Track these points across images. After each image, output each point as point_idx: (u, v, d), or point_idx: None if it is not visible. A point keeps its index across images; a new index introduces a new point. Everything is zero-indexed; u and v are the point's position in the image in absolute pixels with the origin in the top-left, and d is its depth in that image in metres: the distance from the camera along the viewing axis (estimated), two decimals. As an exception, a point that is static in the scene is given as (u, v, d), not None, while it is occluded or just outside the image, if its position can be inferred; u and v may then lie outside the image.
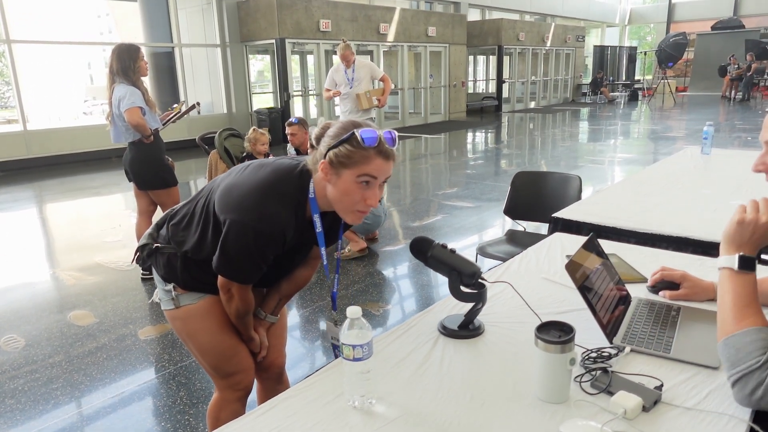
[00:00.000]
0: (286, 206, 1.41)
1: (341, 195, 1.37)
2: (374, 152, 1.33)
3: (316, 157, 1.41)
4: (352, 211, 1.40)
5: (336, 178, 1.36)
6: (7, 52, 9.45)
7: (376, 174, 1.35)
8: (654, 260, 1.82)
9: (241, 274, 1.48)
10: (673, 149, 9.17)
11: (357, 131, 1.33)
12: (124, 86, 3.70)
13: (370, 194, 1.37)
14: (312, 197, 1.44)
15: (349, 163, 1.33)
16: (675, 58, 20.19)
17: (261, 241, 1.41)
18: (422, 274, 4.07)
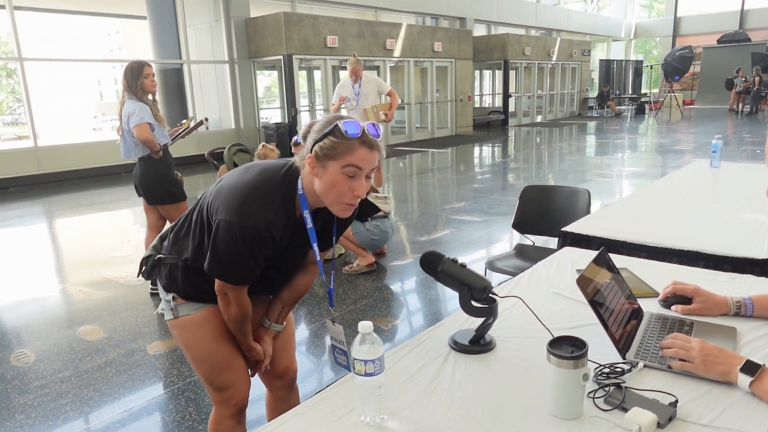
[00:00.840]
0: (273, 204, 1.43)
1: (328, 187, 1.39)
2: (358, 142, 1.36)
3: (303, 153, 1.44)
4: (339, 203, 1.41)
5: (322, 171, 1.38)
6: (20, 69, 9.59)
7: (361, 164, 1.37)
8: (665, 274, 1.81)
9: (231, 275, 1.48)
10: (682, 162, 9.15)
11: (340, 122, 1.36)
12: (133, 102, 3.75)
13: (356, 185, 1.39)
14: (301, 193, 1.46)
15: (333, 154, 1.36)
16: (681, 72, 20.20)
17: (248, 240, 1.41)
18: (431, 288, 4.05)
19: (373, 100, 6.08)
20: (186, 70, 11.64)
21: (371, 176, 1.44)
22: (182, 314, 1.61)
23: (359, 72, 5.96)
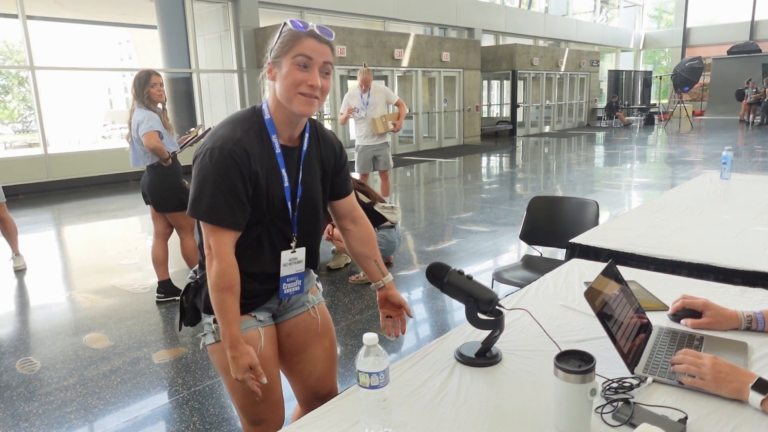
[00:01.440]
0: (242, 127, 1.44)
1: (284, 83, 1.41)
2: (305, 34, 1.40)
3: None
4: (296, 94, 1.40)
5: (279, 71, 1.42)
6: (31, 78, 9.70)
7: (310, 53, 1.39)
8: (674, 287, 1.79)
9: (207, 209, 1.40)
10: (692, 174, 9.09)
11: (287, 21, 1.42)
12: (142, 111, 3.78)
13: (309, 76, 1.40)
14: (267, 118, 1.48)
15: (284, 50, 1.40)
16: (691, 83, 20.15)
17: (220, 163, 1.39)
18: (437, 299, 4.03)
19: (382, 109, 6.11)
20: (195, 78, 11.73)
21: (329, 73, 1.45)
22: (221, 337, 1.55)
23: (369, 82, 6.00)
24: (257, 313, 1.60)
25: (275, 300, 1.64)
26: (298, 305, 1.71)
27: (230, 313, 1.45)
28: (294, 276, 1.62)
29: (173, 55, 11.88)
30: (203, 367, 3.12)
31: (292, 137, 1.53)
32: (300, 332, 1.71)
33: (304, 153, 1.56)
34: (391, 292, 1.72)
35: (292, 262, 1.60)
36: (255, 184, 1.44)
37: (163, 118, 3.87)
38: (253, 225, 1.49)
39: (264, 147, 1.47)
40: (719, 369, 1.18)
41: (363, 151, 6.23)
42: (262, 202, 1.47)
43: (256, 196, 1.46)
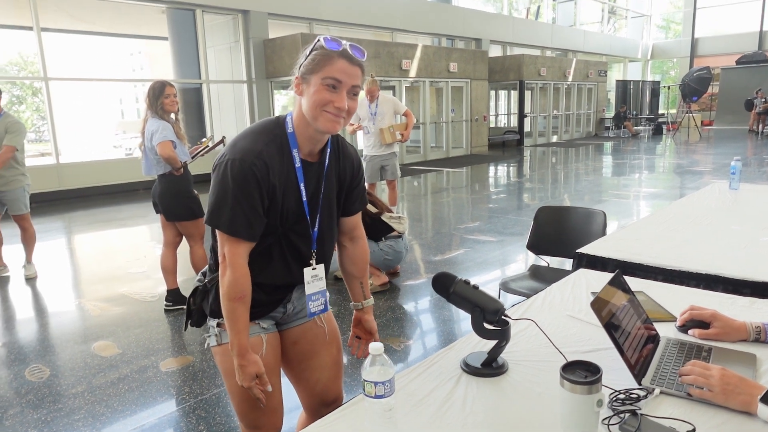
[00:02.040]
0: (263, 139, 1.45)
1: (311, 101, 1.41)
2: (337, 54, 1.39)
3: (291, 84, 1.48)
4: (323, 113, 1.41)
5: (306, 87, 1.42)
6: (45, 88, 9.82)
7: (340, 76, 1.39)
8: (682, 298, 1.78)
9: (224, 219, 1.42)
10: (700, 184, 9.04)
11: (321, 38, 1.41)
12: (156, 120, 3.82)
13: (337, 98, 1.40)
14: (290, 132, 1.48)
15: (315, 67, 1.40)
16: (699, 93, 20.08)
17: (239, 174, 1.40)
18: (444, 309, 4.03)
19: (390, 119, 6.13)
20: (205, 89, 11.83)
21: (357, 96, 1.46)
22: (225, 341, 1.57)
23: (375, 93, 6.03)
24: (261, 321, 1.62)
25: (280, 310, 1.65)
26: (304, 314, 1.71)
27: (240, 322, 1.46)
28: (318, 294, 1.63)
29: (184, 66, 12.01)
30: (210, 375, 3.13)
31: (312, 152, 1.53)
32: (307, 340, 1.72)
33: (327, 169, 1.56)
34: (367, 316, 1.76)
35: (314, 279, 1.60)
36: (272, 197, 1.45)
37: (176, 128, 3.91)
38: (264, 236, 1.50)
39: (284, 160, 1.47)
40: (728, 381, 1.17)
41: (371, 161, 6.26)
42: (277, 215, 1.48)
43: (271, 208, 1.47)
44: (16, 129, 4.85)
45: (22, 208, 5.04)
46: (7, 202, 4.96)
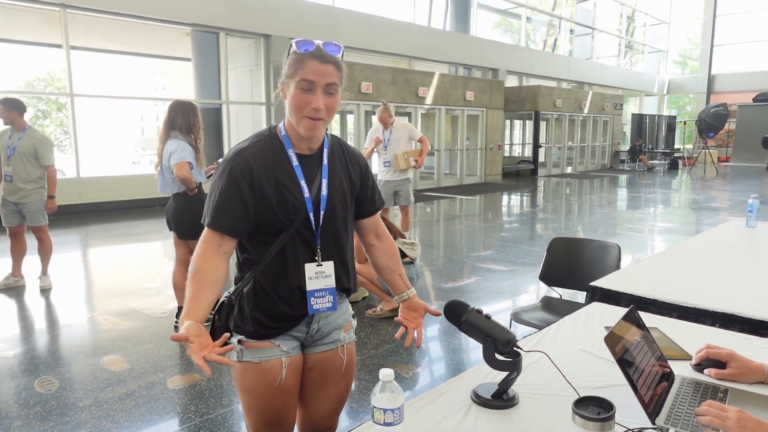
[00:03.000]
0: (252, 140, 1.54)
1: (290, 105, 1.48)
2: (309, 56, 1.44)
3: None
4: (302, 117, 1.46)
5: (288, 92, 1.48)
6: (70, 104, 10.04)
7: (313, 77, 1.42)
8: (698, 337, 1.76)
9: (212, 211, 1.49)
10: (717, 220, 8.95)
11: (293, 41, 1.46)
12: (177, 141, 3.89)
13: (312, 99, 1.44)
14: (284, 135, 1.55)
15: (292, 72, 1.45)
16: (716, 129, 20.02)
17: (227, 173, 1.48)
18: (454, 337, 3.99)
19: (404, 145, 6.19)
20: (224, 110, 12.02)
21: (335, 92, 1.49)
22: (245, 359, 1.58)
23: (387, 120, 6.10)
24: (282, 342, 1.60)
25: (302, 329, 1.62)
26: (330, 340, 1.68)
27: (194, 303, 1.43)
28: (323, 290, 1.59)
29: (205, 87, 12.23)
30: (217, 395, 3.12)
31: (311, 148, 1.59)
32: (323, 369, 1.70)
33: (326, 165, 1.59)
34: (414, 300, 1.74)
35: (318, 276, 1.58)
36: (261, 190, 1.49)
37: (197, 150, 3.98)
38: (273, 234, 1.53)
39: (276, 157, 1.53)
40: (745, 423, 1.15)
41: (384, 186, 6.30)
42: (273, 209, 1.50)
43: (263, 200, 1.49)
44: (47, 146, 5.05)
45: (40, 220, 5.13)
46: (26, 213, 5.05)
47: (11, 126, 4.94)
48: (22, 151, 4.90)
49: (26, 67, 28.16)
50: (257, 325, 1.57)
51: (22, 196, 4.97)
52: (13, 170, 4.91)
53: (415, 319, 1.72)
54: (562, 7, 21.99)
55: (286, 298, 1.56)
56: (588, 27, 23.58)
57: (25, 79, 28.21)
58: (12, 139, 4.92)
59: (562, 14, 21.98)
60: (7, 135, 4.95)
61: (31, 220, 5.09)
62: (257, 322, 1.57)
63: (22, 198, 4.97)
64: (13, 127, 4.94)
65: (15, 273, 5.24)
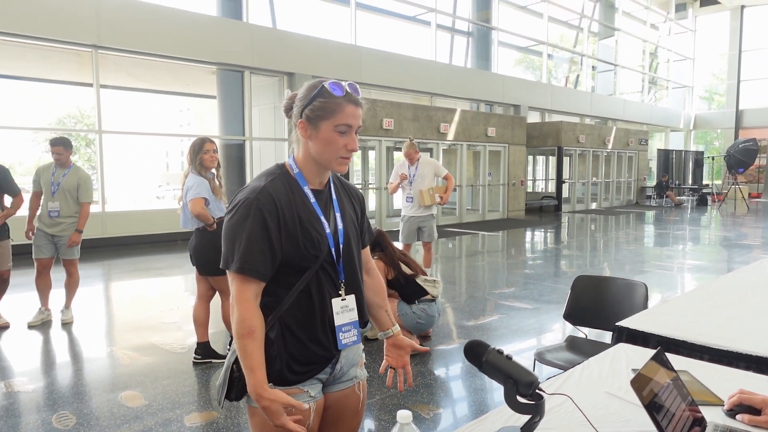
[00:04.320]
0: (269, 178, 1.51)
1: (323, 146, 1.49)
2: (344, 100, 1.48)
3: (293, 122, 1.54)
4: (336, 159, 1.50)
5: (315, 132, 1.49)
6: (98, 140, 10.33)
7: (351, 121, 1.48)
8: (731, 381, 1.67)
9: (238, 256, 1.44)
10: (749, 258, 8.71)
11: (325, 83, 1.48)
12: (194, 177, 3.96)
13: (349, 140, 1.49)
14: (297, 172, 1.55)
15: (324, 114, 1.47)
16: (746, 164, 19.70)
17: (248, 214, 1.44)
18: (476, 377, 3.89)
19: (429, 182, 6.21)
20: (248, 145, 12.25)
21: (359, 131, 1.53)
22: None
23: (413, 156, 6.15)
24: (309, 387, 1.56)
25: (327, 370, 1.60)
26: (348, 378, 1.66)
27: (253, 359, 1.44)
28: (348, 325, 1.60)
29: (229, 123, 12.51)
30: (233, 433, 3.06)
31: (321, 183, 1.60)
32: (340, 407, 1.66)
33: (335, 199, 1.62)
34: (398, 337, 1.74)
35: (344, 310, 1.59)
36: (285, 227, 1.47)
37: (213, 184, 4.02)
38: (296, 273, 1.51)
39: (294, 195, 1.52)
40: None
41: (408, 222, 6.28)
42: (299, 246, 1.49)
43: (289, 239, 1.48)
44: (90, 184, 5.25)
45: (74, 253, 5.26)
46: (61, 246, 5.16)
47: (56, 162, 5.10)
48: (66, 187, 5.07)
49: (58, 104, 29.22)
50: (287, 371, 1.52)
51: (62, 229, 5.11)
52: (59, 206, 5.06)
53: (401, 357, 1.74)
54: (584, 44, 22.15)
55: (317, 337, 1.54)
56: (610, 63, 23.66)
57: (56, 116, 29.24)
58: (56, 176, 5.08)
59: (584, 51, 22.12)
60: (50, 171, 5.11)
61: (66, 253, 5.20)
62: (287, 368, 1.52)
63: (61, 231, 5.11)
64: (58, 164, 5.10)
65: (46, 306, 5.28)
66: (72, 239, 5.15)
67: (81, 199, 5.14)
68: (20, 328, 5.02)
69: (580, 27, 22.05)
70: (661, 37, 26.65)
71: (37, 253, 5.13)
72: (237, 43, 11.56)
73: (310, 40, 12.73)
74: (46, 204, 5.07)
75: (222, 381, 1.57)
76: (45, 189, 5.08)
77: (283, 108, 1.59)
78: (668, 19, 26.41)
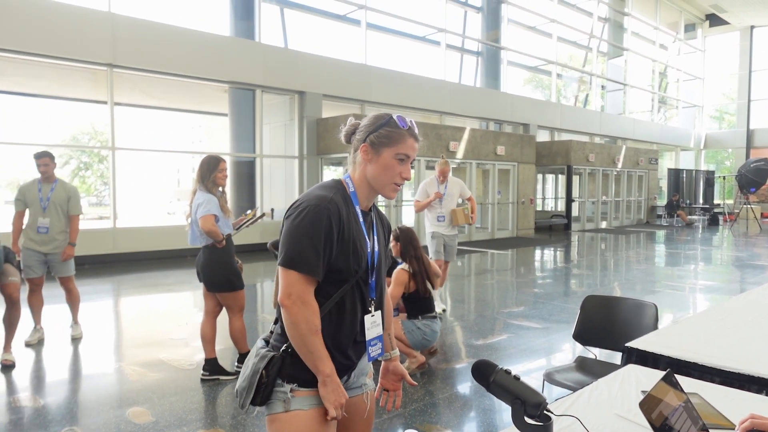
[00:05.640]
0: (334, 190, 1.61)
1: (381, 170, 1.62)
2: (407, 133, 1.63)
3: (354, 145, 1.66)
4: (389, 184, 1.63)
5: (376, 157, 1.62)
6: (111, 157, 10.46)
7: (410, 152, 1.63)
8: (742, 404, 1.65)
9: (296, 257, 1.51)
10: (762, 279, 8.60)
11: (393, 116, 1.64)
12: (203, 194, 3.98)
13: (405, 169, 1.64)
14: (352, 191, 1.66)
15: (388, 142, 1.61)
16: (758, 184, 19.53)
17: (316, 218, 1.52)
18: (485, 397, 3.85)
19: (455, 202, 6.18)
20: (258, 162, 12.34)
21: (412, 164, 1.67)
22: (294, 408, 1.55)
23: (447, 173, 6.13)
24: None
25: (345, 378, 1.67)
26: (357, 385, 1.75)
27: (322, 351, 1.54)
28: (375, 339, 1.71)
29: (240, 141, 12.63)
30: (239, 452, 3.04)
31: (368, 206, 1.70)
32: (349, 413, 1.69)
33: (375, 223, 1.72)
34: (395, 363, 1.83)
35: (373, 326, 1.69)
36: (342, 239, 1.56)
37: (221, 202, 4.05)
38: (335, 284, 1.59)
39: (349, 211, 1.62)
40: None
41: (436, 237, 6.22)
42: (348, 258, 1.58)
43: (342, 250, 1.57)
44: (78, 196, 5.16)
45: (70, 271, 5.17)
46: (56, 264, 5.06)
47: (41, 178, 4.97)
48: (57, 201, 4.96)
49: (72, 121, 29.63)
50: (310, 374, 1.57)
51: (55, 246, 4.99)
52: (50, 222, 4.95)
53: (395, 383, 1.85)
54: (593, 64, 22.22)
55: (343, 347, 1.62)
56: (619, 83, 23.69)
57: (70, 132, 29.64)
58: (44, 191, 4.94)
59: (593, 71, 22.18)
60: (35, 188, 4.95)
61: (62, 270, 5.10)
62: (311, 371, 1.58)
63: (54, 249, 4.99)
64: (44, 179, 4.97)
65: (39, 324, 5.15)
66: (66, 252, 5.03)
67: (71, 212, 5.03)
68: (20, 345, 5.00)
69: (589, 47, 22.13)
70: (671, 57, 26.68)
71: (28, 273, 4.95)
72: (249, 63, 11.71)
73: (321, 59, 12.88)
74: (35, 221, 4.91)
75: (248, 385, 1.59)
76: (33, 206, 4.91)
77: (344, 133, 1.70)
78: (677, 39, 26.47)
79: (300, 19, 14.12)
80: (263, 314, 6.35)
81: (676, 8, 25.39)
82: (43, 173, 4.96)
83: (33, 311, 5.11)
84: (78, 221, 5.15)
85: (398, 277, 4.29)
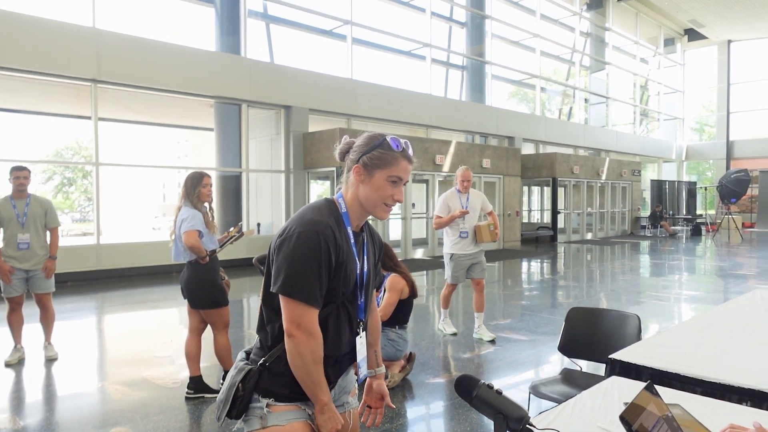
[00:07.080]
0: (327, 213, 1.60)
1: (373, 191, 1.61)
2: (401, 155, 1.63)
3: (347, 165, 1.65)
4: (381, 204, 1.62)
5: (369, 178, 1.61)
6: (95, 172, 10.38)
7: (403, 175, 1.62)
8: (722, 414, 1.66)
9: (297, 287, 1.49)
10: (744, 288, 8.70)
11: (387, 137, 1.62)
12: (188, 209, 3.95)
13: (397, 192, 1.63)
14: (344, 212, 1.65)
15: (381, 164, 1.60)
16: (738, 194, 19.86)
17: (310, 245, 1.50)
18: (470, 411, 3.84)
19: (477, 216, 5.64)
20: (244, 177, 12.30)
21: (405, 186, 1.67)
22: (271, 424, 1.55)
23: (469, 178, 5.54)
24: (307, 406, 1.61)
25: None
26: (339, 404, 1.74)
27: (323, 380, 1.55)
28: (363, 359, 1.74)
29: (226, 155, 12.59)
30: (224, 471, 3.00)
31: (359, 226, 1.69)
32: None
33: (366, 243, 1.71)
34: (379, 381, 1.84)
35: (362, 347, 1.71)
36: (338, 263, 1.56)
37: (206, 218, 4.02)
38: (326, 305, 1.58)
39: (342, 233, 1.61)
40: None
41: (459, 260, 5.65)
42: (338, 280, 1.57)
43: (336, 274, 1.56)
44: (53, 208, 5.12)
45: (50, 287, 5.08)
46: (36, 281, 4.98)
47: (12, 194, 4.88)
48: (34, 216, 4.91)
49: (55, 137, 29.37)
50: (294, 387, 1.57)
51: (36, 263, 4.93)
52: (30, 237, 4.88)
53: (379, 401, 1.85)
54: (576, 78, 22.53)
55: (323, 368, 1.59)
56: (602, 96, 24.04)
57: (54, 148, 29.37)
58: (19, 207, 4.87)
59: (576, 84, 22.48)
60: (9, 204, 4.86)
61: (42, 286, 5.00)
62: (290, 387, 1.57)
63: (35, 265, 4.92)
64: (17, 194, 4.88)
65: (20, 343, 5.05)
66: (47, 267, 4.96)
67: (50, 225, 4.99)
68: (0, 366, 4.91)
69: (572, 61, 22.46)
70: (651, 71, 27.15)
71: (7, 292, 4.87)
72: (235, 77, 11.73)
73: (307, 74, 12.94)
74: (14, 237, 4.82)
75: (224, 397, 1.59)
76: (11, 223, 4.82)
77: (338, 151, 1.69)
78: (657, 53, 26.97)
79: (286, 35, 14.19)
80: (249, 330, 6.29)
81: (655, 23, 25.89)
82: (19, 186, 4.88)
83: (13, 330, 5.02)
84: (58, 233, 5.10)
85: (394, 284, 4.26)
